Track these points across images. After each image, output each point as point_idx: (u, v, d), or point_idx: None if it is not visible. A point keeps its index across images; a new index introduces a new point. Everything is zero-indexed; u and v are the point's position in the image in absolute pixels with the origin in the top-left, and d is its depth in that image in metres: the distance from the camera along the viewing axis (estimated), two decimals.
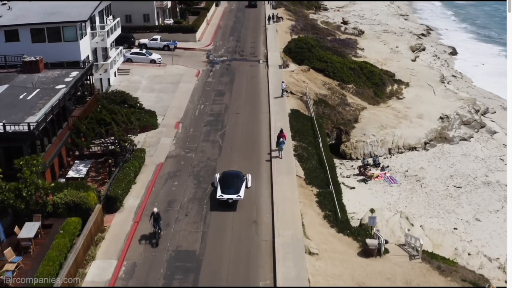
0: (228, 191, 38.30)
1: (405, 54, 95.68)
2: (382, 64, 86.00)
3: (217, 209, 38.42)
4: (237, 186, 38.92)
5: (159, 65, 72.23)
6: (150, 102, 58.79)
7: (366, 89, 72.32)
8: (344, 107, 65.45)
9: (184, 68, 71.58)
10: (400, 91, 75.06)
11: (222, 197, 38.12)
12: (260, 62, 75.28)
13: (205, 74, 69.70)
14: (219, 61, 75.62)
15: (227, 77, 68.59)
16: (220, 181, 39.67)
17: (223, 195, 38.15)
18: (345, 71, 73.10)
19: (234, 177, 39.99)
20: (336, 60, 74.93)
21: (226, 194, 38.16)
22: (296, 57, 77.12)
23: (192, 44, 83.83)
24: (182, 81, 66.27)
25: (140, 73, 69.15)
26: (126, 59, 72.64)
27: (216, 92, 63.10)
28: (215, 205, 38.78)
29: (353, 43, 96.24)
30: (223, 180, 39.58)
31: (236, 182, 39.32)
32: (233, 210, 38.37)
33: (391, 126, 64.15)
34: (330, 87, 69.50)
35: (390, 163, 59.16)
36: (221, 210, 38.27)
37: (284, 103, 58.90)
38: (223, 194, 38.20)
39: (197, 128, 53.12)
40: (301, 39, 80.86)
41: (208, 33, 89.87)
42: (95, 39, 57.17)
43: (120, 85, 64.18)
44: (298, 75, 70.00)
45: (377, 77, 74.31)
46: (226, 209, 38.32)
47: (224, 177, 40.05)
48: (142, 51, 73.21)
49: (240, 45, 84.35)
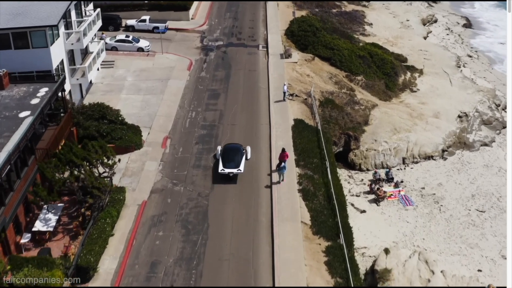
0: (229, 165, 41.18)
1: (417, 30, 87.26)
2: (393, 45, 77.97)
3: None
4: (237, 160, 41.66)
5: (148, 54, 64.42)
6: (135, 109, 51.78)
7: (377, 80, 64.82)
8: (353, 106, 58.20)
9: (175, 57, 63.81)
10: (414, 81, 67.53)
11: (223, 171, 41.06)
12: (260, 48, 67.40)
13: (198, 66, 62.03)
14: (214, 47, 67.68)
15: (223, 70, 60.96)
16: (222, 154, 42.43)
17: (225, 169, 41.04)
18: (353, 60, 65.37)
19: (234, 151, 42.81)
20: (344, 47, 67.01)
21: (228, 168, 41.03)
22: (299, 42, 69.17)
23: (185, 23, 75.51)
24: (172, 76, 58.73)
25: (126, 65, 61.49)
26: (110, 47, 64.85)
27: (209, 93, 55.73)
28: (217, 179, 41.48)
29: (360, 17, 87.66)
30: (225, 154, 42.34)
31: (237, 156, 42.03)
32: (233, 183, 41.12)
33: (405, 129, 57.13)
34: (337, 81, 62.02)
35: (404, 176, 52.55)
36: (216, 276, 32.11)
37: (287, 110, 51.79)
38: (224, 168, 41.08)
39: (187, 147, 46.26)
40: (304, 20, 72.52)
41: (202, 10, 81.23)
42: (70, 39, 49.37)
43: (103, 83, 56.95)
44: (302, 67, 62.35)
45: (389, 66, 66.61)
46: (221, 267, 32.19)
47: (225, 151, 42.79)
48: (129, 38, 65.20)
49: (238, 24, 76.02)
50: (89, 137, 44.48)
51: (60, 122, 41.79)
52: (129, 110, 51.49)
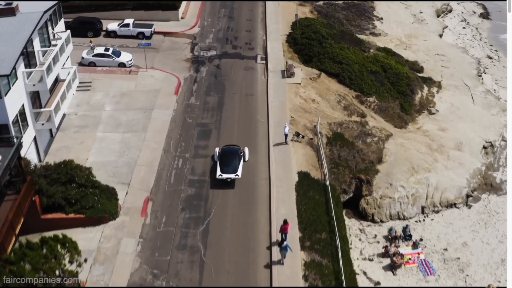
0: (227, 170, 40.44)
1: (431, 25, 77.95)
2: (406, 47, 69.12)
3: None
4: (235, 164, 40.87)
5: (130, 71, 55.71)
6: (112, 155, 43.88)
7: (391, 101, 56.49)
8: (365, 139, 50.17)
9: (161, 75, 55.17)
10: (432, 99, 59.18)
11: (221, 176, 40.29)
12: (258, 61, 58.69)
13: (187, 88, 53.50)
14: (206, 59, 58.90)
15: (215, 94, 52.46)
16: (220, 158, 41.58)
17: (223, 174, 40.31)
18: (365, 77, 56.84)
19: (232, 154, 41.83)
20: (354, 60, 58.30)
21: (225, 174, 40.31)
22: (303, 52, 60.41)
23: (174, 25, 66.28)
24: (156, 105, 50.31)
25: (104, 87, 52.95)
26: (88, 62, 56.16)
27: (199, 129, 47.49)
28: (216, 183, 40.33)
29: (369, 10, 78.20)
30: (222, 158, 41.51)
31: (234, 160, 41.16)
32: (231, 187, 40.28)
33: (424, 168, 49.27)
34: (346, 104, 53.69)
35: (424, 231, 45.16)
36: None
37: (289, 157, 43.87)
38: (222, 173, 40.35)
39: (172, 215, 38.56)
40: (308, 25, 63.38)
41: (194, 6, 71.65)
42: (31, 79, 40.74)
43: (77, 113, 48.83)
44: (306, 90, 53.87)
45: (404, 83, 58.12)
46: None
47: (223, 154, 42.05)
48: (108, 52, 56.26)
49: (233, 25, 66.81)
50: (55, 206, 36.99)
51: (20, 195, 33.97)
52: (105, 157, 43.60)
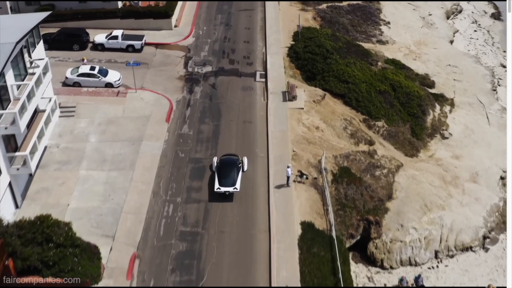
0: (225, 182, 39.18)
1: (441, 29, 72.90)
2: (416, 57, 64.26)
3: None
4: (233, 177, 39.53)
5: (118, 92, 50.99)
6: (95, 199, 39.62)
7: (401, 125, 51.93)
8: (373, 172, 45.82)
9: (152, 97, 50.48)
10: (445, 120, 54.59)
11: (219, 189, 39.06)
12: (257, 79, 53.98)
13: (179, 113, 48.88)
14: (200, 77, 54.14)
15: (210, 121, 47.86)
16: (218, 169, 40.29)
17: (221, 188, 39.06)
18: (373, 98, 52.16)
19: (231, 165, 40.42)
20: (361, 78, 53.55)
21: (224, 187, 39.05)
22: (306, 68, 55.67)
23: (167, 34, 61.30)
24: (146, 135, 45.76)
25: (89, 112, 48.29)
26: (72, 82, 51.44)
27: (192, 166, 43.01)
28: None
29: (375, 12, 73.08)
30: (221, 169, 40.18)
31: (232, 172, 39.79)
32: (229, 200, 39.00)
33: (438, 206, 45.02)
34: (353, 131, 49.13)
35: (438, 280, 41.20)
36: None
37: (291, 204, 39.58)
38: (220, 187, 39.09)
39: (161, 278, 34.34)
40: (312, 37, 58.40)
41: (188, 11, 66.53)
42: (2, 121, 36.09)
43: (59, 145, 44.48)
44: (310, 115, 49.26)
45: (415, 103, 53.48)
46: None
47: (221, 165, 40.68)
48: (94, 71, 51.41)
49: (230, 35, 61.81)
50: (30, 269, 32.68)
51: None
52: (88, 201, 39.30)
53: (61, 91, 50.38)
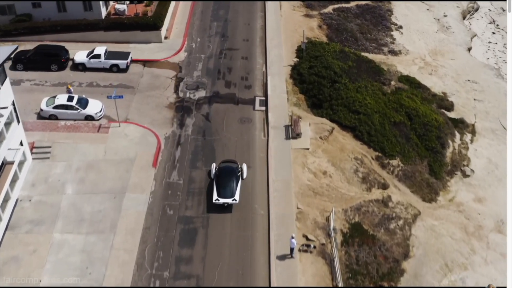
0: (224, 192, 37.53)
1: (458, 33, 65.93)
2: (432, 72, 57.75)
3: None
4: (232, 187, 37.88)
5: (99, 126, 44.87)
6: (71, 275, 34.64)
7: (418, 162, 45.95)
8: (388, 226, 40.18)
9: (137, 133, 44.38)
10: (466, 153, 48.60)
11: (218, 201, 37.39)
12: (256, 107, 47.83)
13: (168, 154, 42.89)
14: (193, 104, 47.91)
15: (202, 166, 41.75)
16: (216, 179, 38.46)
17: (219, 199, 37.44)
18: (387, 131, 46.06)
19: (230, 175, 38.53)
20: (373, 107, 47.35)
21: (222, 198, 37.42)
22: (311, 92, 49.40)
23: (156, 48, 54.72)
24: (129, 186, 39.86)
25: (67, 154, 42.31)
26: (48, 115, 45.31)
27: (182, 227, 37.20)
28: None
29: (385, 15, 66.11)
30: (219, 178, 38.35)
31: (231, 182, 38.10)
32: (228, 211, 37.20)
33: (460, 265, 39.51)
34: (365, 173, 43.22)
35: None
36: None
37: (295, 282, 33.87)
38: (219, 198, 37.45)
39: None
40: (318, 56, 51.81)
41: (180, 21, 59.56)
42: None
43: (31, 199, 39.03)
44: (316, 157, 43.23)
45: (434, 135, 47.44)
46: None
47: (220, 174, 38.76)
48: (72, 103, 45.12)
49: (227, 49, 55.18)
50: None
51: None
52: (63, 276, 34.07)
53: (35, 126, 44.41)
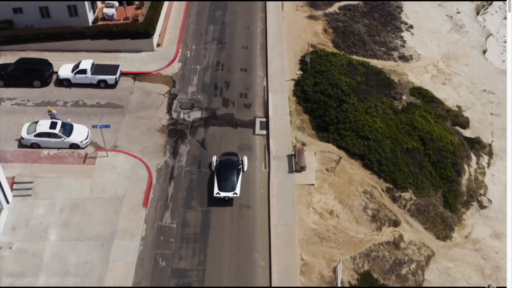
0: (225, 186, 37.03)
1: (472, 34, 60.97)
2: (445, 81, 53.22)
3: None
4: (233, 180, 37.39)
5: (85, 157, 40.79)
6: None
7: (432, 194, 42.08)
8: (400, 271, 36.71)
9: (127, 165, 40.34)
10: (482, 180, 44.69)
11: (219, 195, 36.95)
12: (257, 131, 43.72)
13: (160, 190, 38.93)
14: (187, 128, 43.75)
15: (198, 206, 37.80)
16: (217, 172, 37.83)
17: (220, 193, 36.94)
18: (398, 160, 42.03)
19: (230, 168, 37.91)
20: (384, 132, 43.17)
21: (223, 192, 36.95)
22: (316, 112, 45.19)
23: (147, 58, 50.14)
24: (118, 230, 36.10)
25: (50, 191, 38.42)
26: (30, 143, 41.19)
27: (176, 282, 33.59)
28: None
29: (395, 13, 61.14)
30: (220, 172, 37.71)
31: (232, 176, 37.48)
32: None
33: None
34: (374, 211, 39.43)
35: None
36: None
37: None
38: (220, 191, 36.96)
39: None
40: (324, 71, 47.28)
41: (174, 24, 54.61)
42: None
43: (12, 246, 35.98)
44: (322, 194, 39.30)
45: (449, 162, 43.42)
46: None
47: (221, 167, 38.14)
48: (55, 130, 40.87)
49: (224, 58, 50.67)
50: None
51: None
52: None
53: (16, 157, 40.47)
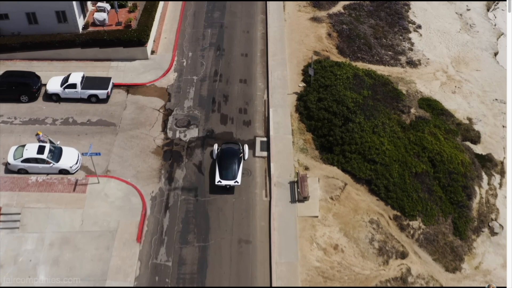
0: (226, 174, 37.53)
1: (483, 34, 57.47)
2: (455, 88, 50.26)
3: None
4: (234, 169, 37.88)
5: (75, 184, 38.21)
6: None
7: (441, 221, 39.63)
8: None
9: (119, 193, 37.81)
10: (494, 202, 42.21)
11: (220, 183, 37.41)
12: (257, 153, 41.03)
13: (154, 222, 36.50)
14: (183, 148, 41.06)
15: (194, 241, 35.45)
16: (219, 160, 38.32)
17: (222, 181, 37.40)
18: (407, 185, 39.47)
19: (232, 157, 38.46)
20: (392, 155, 40.45)
21: (225, 180, 37.41)
22: (320, 131, 42.45)
23: (141, 67, 47.13)
24: (111, 269, 33.83)
25: (38, 224, 36.06)
26: (17, 169, 38.55)
27: None
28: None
29: (402, 11, 57.67)
30: (222, 160, 38.23)
31: (233, 164, 38.05)
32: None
33: None
34: (381, 241, 37.04)
35: None
36: None
37: None
38: (221, 180, 37.41)
39: None
40: (329, 86, 44.25)
41: (169, 28, 51.22)
42: None
43: (1, 280, 32.95)
44: (327, 226, 36.84)
45: (460, 185, 40.87)
46: None
47: (222, 156, 38.62)
48: (43, 155, 38.12)
49: (223, 67, 47.60)
50: None
51: None
52: None
53: (2, 184, 38.14)
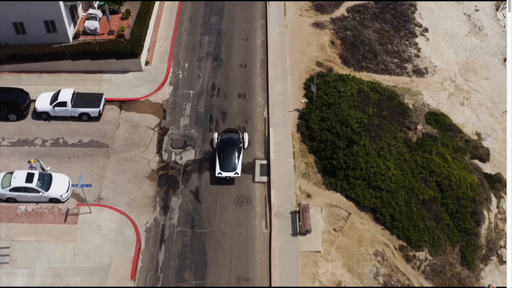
0: (226, 166, 37.59)
1: (492, 37, 54.64)
2: (464, 100, 47.87)
3: None
4: (234, 161, 37.91)
5: (66, 214, 36.19)
6: None
7: (449, 250, 37.76)
8: None
9: (112, 224, 35.84)
10: (503, 228, 40.39)
11: (221, 174, 37.48)
12: (256, 179, 38.95)
13: (149, 257, 34.59)
14: (179, 172, 38.93)
15: (192, 277, 33.60)
16: (219, 151, 38.35)
17: (222, 173, 37.47)
18: (414, 214, 37.48)
19: (232, 147, 38.36)
20: (399, 181, 38.34)
21: (225, 172, 37.47)
22: (322, 153, 40.26)
23: (135, 80, 44.77)
24: None
25: (29, 259, 34.25)
26: (5, 198, 36.48)
27: None
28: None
29: (408, 12, 54.86)
30: (222, 151, 38.21)
31: (233, 155, 38.01)
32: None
33: None
34: (386, 276, 35.28)
35: None
36: None
37: None
38: (222, 171, 37.47)
39: None
40: (332, 104, 41.83)
41: (164, 35, 48.48)
42: None
43: None
44: (329, 261, 34.95)
45: (468, 211, 38.88)
46: None
47: (222, 146, 38.50)
48: (31, 184, 35.93)
49: (220, 80, 45.14)
50: None
51: None
52: None
53: None
